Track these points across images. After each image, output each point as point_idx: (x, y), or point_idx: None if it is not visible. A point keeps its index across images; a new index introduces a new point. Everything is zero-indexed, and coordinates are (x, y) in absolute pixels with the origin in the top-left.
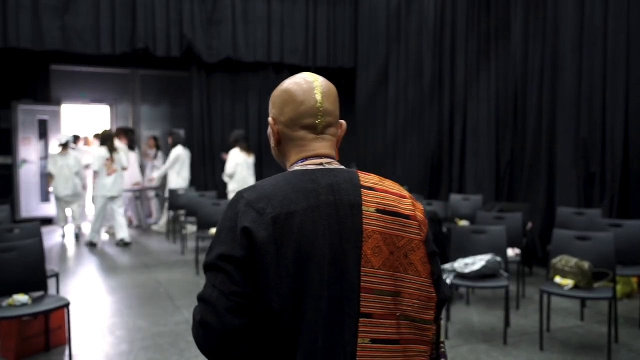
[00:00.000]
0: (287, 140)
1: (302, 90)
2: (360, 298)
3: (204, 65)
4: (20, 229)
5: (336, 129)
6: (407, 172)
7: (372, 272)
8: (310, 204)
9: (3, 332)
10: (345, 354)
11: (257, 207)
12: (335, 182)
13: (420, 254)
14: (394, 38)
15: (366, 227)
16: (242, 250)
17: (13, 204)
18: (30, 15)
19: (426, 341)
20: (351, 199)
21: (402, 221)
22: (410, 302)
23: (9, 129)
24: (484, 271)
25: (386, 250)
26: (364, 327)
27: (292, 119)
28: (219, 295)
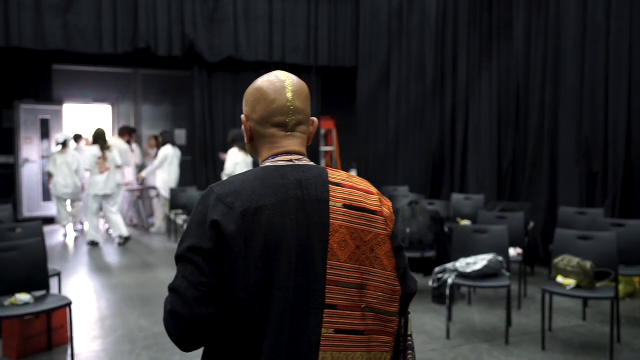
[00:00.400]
0: (259, 137)
1: (273, 89)
2: (325, 290)
3: (206, 65)
4: (22, 228)
5: (307, 126)
6: (409, 172)
7: (338, 265)
8: (278, 198)
9: (6, 331)
10: (310, 343)
11: (227, 201)
12: (303, 178)
13: (386, 248)
14: (395, 37)
15: (333, 222)
16: (211, 242)
17: (15, 203)
18: (33, 15)
19: (390, 332)
20: (319, 194)
21: (369, 216)
22: (375, 294)
23: (11, 128)
24: (486, 271)
25: (352, 244)
26: (329, 318)
27: (264, 117)
28: (187, 285)
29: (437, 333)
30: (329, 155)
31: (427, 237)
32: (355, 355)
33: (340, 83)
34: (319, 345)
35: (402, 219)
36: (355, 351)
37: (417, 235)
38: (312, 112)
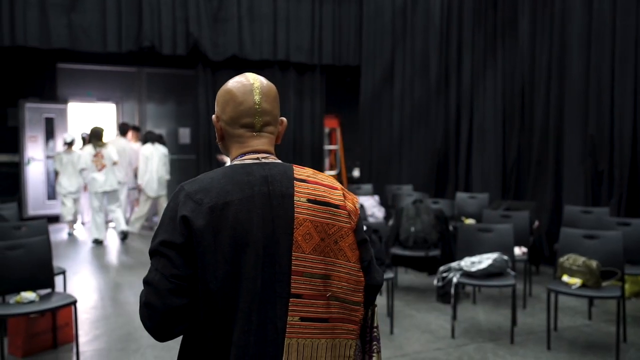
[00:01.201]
0: (229, 137)
1: (242, 92)
2: (291, 280)
3: (210, 64)
4: (27, 227)
5: (275, 127)
6: (413, 171)
7: (303, 256)
8: (245, 194)
9: (11, 329)
10: (277, 330)
11: (196, 198)
12: (269, 175)
13: (349, 240)
14: (399, 35)
15: (297, 216)
16: (182, 237)
17: (20, 202)
18: (38, 13)
19: (355, 321)
20: (284, 190)
21: (332, 210)
22: (339, 284)
23: (16, 127)
24: (491, 270)
25: (317, 237)
26: (294, 307)
27: (233, 118)
28: (161, 278)
29: (442, 332)
30: (333, 154)
31: (432, 236)
32: (320, 342)
33: (344, 82)
34: (285, 332)
35: (407, 218)
36: (320, 338)
37: (421, 234)
38: (317, 111)
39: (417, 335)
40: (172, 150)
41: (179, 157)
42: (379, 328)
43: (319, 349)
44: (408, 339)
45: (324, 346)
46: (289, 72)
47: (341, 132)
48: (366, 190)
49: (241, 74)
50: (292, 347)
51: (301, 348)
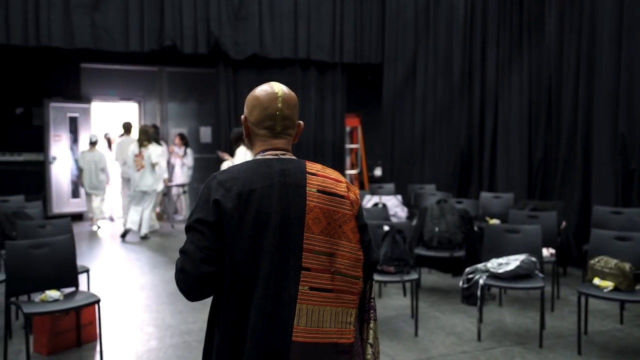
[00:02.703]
0: (254, 135)
1: (267, 99)
2: (302, 256)
3: (231, 62)
4: (52, 225)
5: (293, 129)
6: (436, 170)
7: (312, 236)
8: (266, 183)
9: (36, 327)
10: (290, 296)
11: (226, 185)
12: (286, 168)
13: (351, 225)
14: (422, 33)
15: (309, 203)
16: (214, 216)
17: (45, 200)
18: (61, 14)
19: (355, 292)
20: (298, 182)
21: (338, 200)
22: (342, 261)
23: (41, 126)
24: (519, 271)
25: (324, 221)
26: (305, 278)
27: (258, 121)
28: (195, 249)
29: (468, 335)
30: (354, 153)
31: (457, 236)
32: (326, 309)
33: (365, 80)
34: (297, 298)
35: (431, 218)
36: (326, 305)
37: (446, 235)
38: (338, 109)
39: (442, 337)
40: (194, 149)
41: (201, 156)
42: (375, 299)
43: (324, 314)
44: (433, 342)
45: (329, 312)
46: (310, 70)
47: (362, 130)
48: (388, 189)
49: (267, 83)
50: (303, 311)
51: (310, 312)
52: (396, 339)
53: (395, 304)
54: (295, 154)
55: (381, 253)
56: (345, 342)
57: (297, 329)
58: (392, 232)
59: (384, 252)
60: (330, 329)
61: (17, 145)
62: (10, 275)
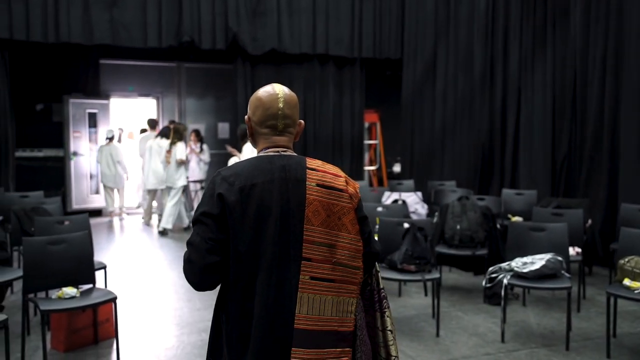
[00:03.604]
0: (257, 134)
1: (269, 100)
2: (302, 246)
3: (249, 58)
4: (70, 221)
5: (294, 128)
6: (456, 166)
7: (312, 228)
8: (267, 178)
9: (54, 324)
10: (292, 285)
11: (229, 180)
12: (287, 164)
13: (350, 217)
14: (442, 27)
15: (309, 196)
16: (218, 209)
17: (65, 196)
18: (81, 10)
19: (355, 282)
20: (298, 176)
21: (337, 193)
22: (342, 252)
23: (61, 122)
24: (544, 271)
25: (324, 214)
26: (305, 268)
27: (261, 120)
28: (200, 240)
29: (491, 336)
30: (373, 149)
31: (479, 234)
32: (327, 298)
33: (384, 75)
34: (298, 287)
35: (452, 215)
36: (327, 294)
37: (467, 232)
38: (356, 105)
39: (464, 338)
40: (212, 146)
41: (219, 152)
42: (385, 289)
43: (326, 303)
44: (455, 343)
45: (330, 301)
46: (329, 65)
47: (381, 126)
48: (408, 186)
49: (270, 85)
50: (304, 300)
51: (311, 301)
52: (417, 340)
53: (416, 303)
54: (314, 150)
55: (402, 251)
56: (345, 330)
57: (298, 317)
58: (413, 230)
59: (405, 250)
60: (331, 317)
61: (37, 141)
62: (28, 271)
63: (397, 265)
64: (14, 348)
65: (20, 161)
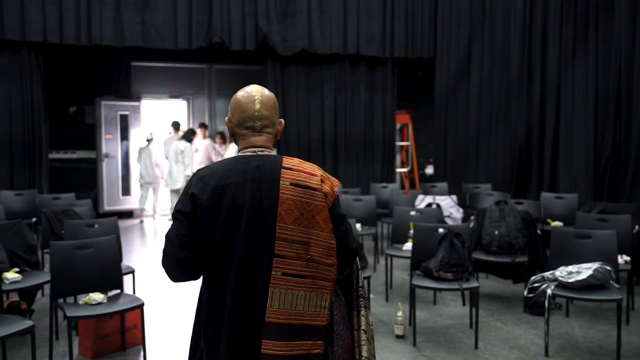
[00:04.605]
0: (237, 135)
1: (246, 101)
2: (275, 244)
3: (279, 58)
4: (99, 225)
5: (272, 128)
6: (491, 169)
7: (285, 226)
8: (240, 178)
9: (81, 330)
10: (264, 281)
11: (204, 180)
12: (262, 164)
13: (324, 215)
14: (477, 24)
15: (282, 195)
16: (190, 208)
17: (97, 198)
18: (113, 13)
19: (329, 279)
20: (272, 176)
21: (310, 192)
22: (316, 249)
23: (93, 124)
24: (591, 281)
25: (297, 212)
26: (277, 264)
27: (239, 121)
28: (174, 236)
29: (534, 349)
30: (405, 150)
31: (518, 240)
32: (300, 293)
33: (416, 75)
34: (269, 283)
35: (490, 220)
36: (299, 290)
37: (506, 239)
38: (388, 106)
39: (505, 351)
40: None
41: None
42: (364, 287)
43: (298, 298)
44: (496, 356)
45: (302, 296)
46: (360, 66)
47: (413, 127)
48: (441, 189)
49: (248, 86)
50: (275, 295)
51: (282, 296)
52: (455, 352)
53: (452, 312)
54: (344, 152)
55: (438, 258)
56: (318, 324)
57: (269, 311)
58: (449, 236)
59: (441, 257)
60: (304, 311)
61: (70, 143)
62: (55, 276)
63: (433, 272)
64: (42, 353)
65: (54, 163)
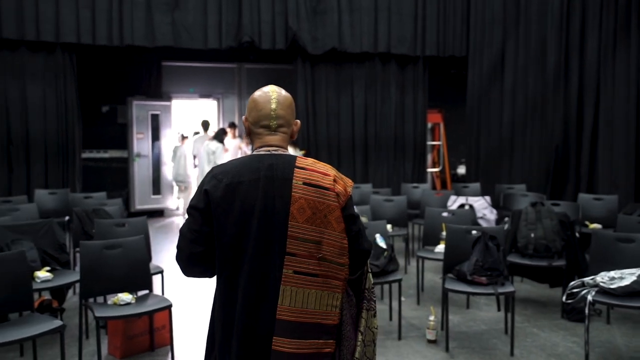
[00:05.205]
0: (253, 133)
1: (262, 101)
2: (287, 242)
3: (309, 57)
4: (129, 224)
5: (288, 128)
6: (526, 169)
7: (297, 225)
8: (254, 177)
9: (111, 330)
10: (275, 279)
11: (218, 177)
12: (275, 163)
13: (336, 215)
14: (511, 20)
15: (294, 194)
16: (203, 204)
17: (128, 197)
18: (144, 13)
19: (340, 278)
20: (285, 175)
21: (322, 192)
22: (328, 248)
23: (125, 124)
24: (636, 288)
25: (309, 211)
26: (289, 262)
27: (255, 120)
28: (187, 231)
29: (573, 358)
30: (436, 150)
31: (555, 243)
32: (311, 292)
33: (448, 74)
34: (280, 281)
35: (526, 222)
36: (311, 288)
37: (543, 241)
38: (419, 105)
39: (542, 359)
40: None
41: None
42: (372, 290)
43: (309, 297)
44: None
45: (313, 295)
46: (390, 64)
47: (444, 127)
48: (474, 189)
49: (266, 86)
50: (286, 292)
51: (294, 294)
52: (489, 358)
53: (486, 317)
54: (375, 152)
55: (471, 261)
56: (329, 323)
57: (281, 308)
58: (484, 239)
59: (475, 261)
60: (315, 310)
61: (103, 142)
62: (84, 276)
63: (467, 276)
64: (73, 352)
65: (87, 162)
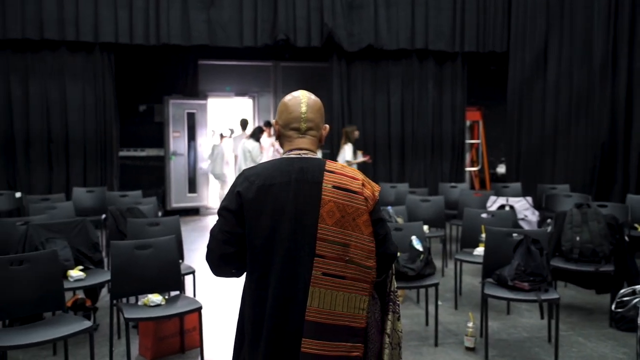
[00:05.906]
0: (283, 136)
1: (293, 104)
2: (316, 244)
3: (345, 54)
4: (162, 224)
5: (317, 131)
6: (570, 168)
7: (327, 227)
8: (284, 179)
9: (142, 331)
10: (305, 280)
11: (250, 179)
12: (305, 166)
13: (364, 218)
14: (555, 13)
15: (324, 197)
16: (236, 205)
17: (164, 195)
18: (180, 12)
19: (367, 281)
20: (315, 178)
21: (351, 195)
22: (356, 251)
23: (162, 123)
24: None
25: (338, 214)
26: (317, 264)
27: (285, 123)
28: (218, 231)
29: None
30: (475, 149)
31: (603, 247)
32: (339, 294)
33: (488, 70)
34: (310, 282)
35: (571, 225)
36: (339, 290)
37: (589, 245)
38: (457, 103)
39: None
40: None
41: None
42: (397, 293)
43: (337, 299)
44: None
45: (341, 297)
46: (428, 61)
47: (484, 125)
48: (514, 189)
49: (296, 91)
50: (315, 294)
51: (322, 296)
52: None
53: (528, 324)
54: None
55: (513, 266)
56: (357, 326)
57: (309, 309)
58: (526, 242)
59: (517, 265)
60: (342, 312)
61: (140, 141)
62: (115, 276)
63: (508, 281)
64: (104, 351)
65: (124, 160)
